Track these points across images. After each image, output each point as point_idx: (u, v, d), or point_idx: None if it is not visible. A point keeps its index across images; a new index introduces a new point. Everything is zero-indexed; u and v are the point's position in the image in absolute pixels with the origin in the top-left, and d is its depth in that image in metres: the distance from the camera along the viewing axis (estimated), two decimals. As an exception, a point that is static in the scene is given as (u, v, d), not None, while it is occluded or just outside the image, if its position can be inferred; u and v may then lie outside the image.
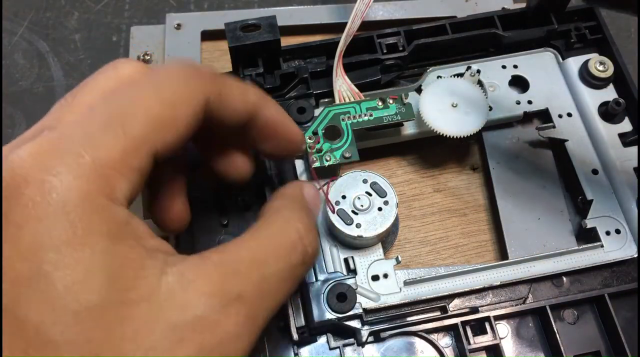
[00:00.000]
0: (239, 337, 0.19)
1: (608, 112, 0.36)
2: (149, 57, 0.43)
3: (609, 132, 0.36)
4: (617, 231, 0.33)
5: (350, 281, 0.30)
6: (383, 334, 0.31)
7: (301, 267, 0.22)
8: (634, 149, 0.35)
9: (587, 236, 0.33)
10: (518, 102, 0.37)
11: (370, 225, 0.31)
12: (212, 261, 0.19)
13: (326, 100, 0.37)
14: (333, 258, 0.32)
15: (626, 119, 0.36)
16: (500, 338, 0.31)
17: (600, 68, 0.37)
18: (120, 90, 0.20)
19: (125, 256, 0.18)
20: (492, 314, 0.31)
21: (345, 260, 0.32)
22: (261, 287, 0.20)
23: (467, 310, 0.31)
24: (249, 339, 0.19)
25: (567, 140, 0.36)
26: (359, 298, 0.30)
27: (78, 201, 0.17)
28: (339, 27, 0.36)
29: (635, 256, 0.32)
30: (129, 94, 0.20)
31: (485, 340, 0.31)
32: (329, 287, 0.30)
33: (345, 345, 0.31)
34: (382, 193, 0.32)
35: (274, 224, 0.22)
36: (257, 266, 0.20)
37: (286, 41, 0.37)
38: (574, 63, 0.38)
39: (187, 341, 0.17)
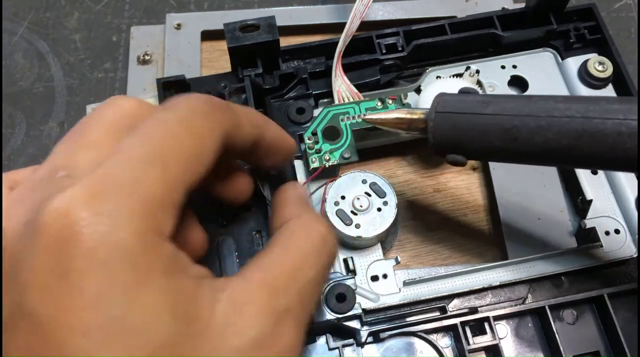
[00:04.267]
0: (295, 347, 0.20)
1: (607, 112, 0.36)
2: (149, 57, 0.43)
3: (609, 132, 0.35)
4: (617, 231, 0.33)
5: (349, 282, 0.30)
6: (382, 335, 0.31)
7: (329, 266, 0.23)
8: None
9: (586, 236, 0.33)
10: (517, 102, 0.37)
11: (370, 225, 0.31)
12: (256, 281, 0.20)
13: (325, 100, 0.37)
14: (332, 258, 0.32)
15: (626, 119, 0.36)
16: (500, 338, 0.31)
17: (600, 68, 0.37)
18: (149, 125, 0.20)
19: (180, 289, 0.18)
20: (491, 314, 0.31)
21: (345, 260, 0.32)
22: (302, 296, 0.21)
23: (466, 310, 0.31)
24: (301, 345, 0.20)
25: (566, 141, 0.36)
26: (358, 298, 0.30)
27: (135, 241, 0.17)
28: (339, 27, 0.36)
29: (635, 256, 0.32)
30: (159, 129, 0.20)
31: (484, 340, 0.31)
32: (328, 287, 0.30)
33: (344, 345, 0.31)
34: (381, 193, 0.32)
35: (298, 233, 0.23)
36: (295, 277, 0.21)
37: (286, 41, 0.37)
38: (573, 63, 0.38)
39: None
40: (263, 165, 0.27)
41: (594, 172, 0.35)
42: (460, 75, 0.37)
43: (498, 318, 0.32)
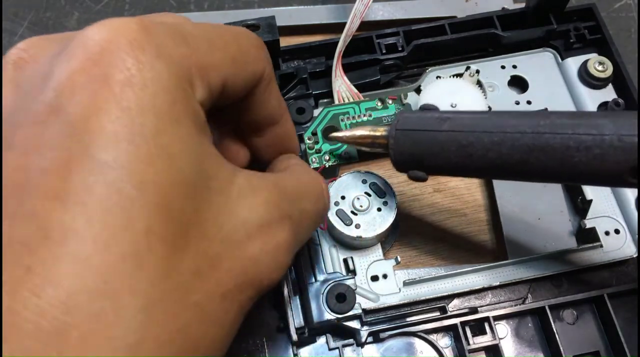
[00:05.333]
0: (288, 250, 0.20)
1: (607, 112, 0.36)
2: (148, 58, 0.43)
3: (609, 132, 0.35)
4: (617, 231, 0.33)
5: (349, 282, 0.30)
6: (382, 335, 0.31)
7: (321, 217, 0.25)
8: (634, 149, 0.35)
9: (586, 236, 0.33)
10: (517, 103, 0.37)
11: (370, 225, 0.31)
12: (271, 180, 0.21)
13: (325, 100, 0.37)
14: (332, 258, 0.32)
15: (626, 119, 0.36)
16: (500, 338, 0.31)
17: (600, 68, 0.37)
18: (207, 23, 0.21)
19: (208, 147, 0.18)
20: (491, 314, 0.31)
21: (345, 260, 0.32)
22: (301, 218, 0.22)
23: (466, 310, 0.31)
24: (291, 256, 0.21)
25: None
26: (358, 299, 0.30)
27: (176, 79, 0.17)
28: (339, 27, 0.36)
29: (635, 256, 0.32)
30: (211, 27, 0.21)
31: (484, 340, 0.31)
32: (328, 287, 0.30)
33: (344, 345, 0.31)
34: (381, 193, 0.32)
35: (306, 174, 0.24)
36: (299, 199, 0.22)
37: (286, 41, 0.38)
38: (573, 63, 0.38)
39: (253, 238, 0.19)
40: (264, 156, 0.27)
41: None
42: (460, 75, 0.37)
43: (498, 318, 0.32)
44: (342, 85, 0.36)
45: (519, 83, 0.38)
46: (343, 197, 0.32)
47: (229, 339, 0.18)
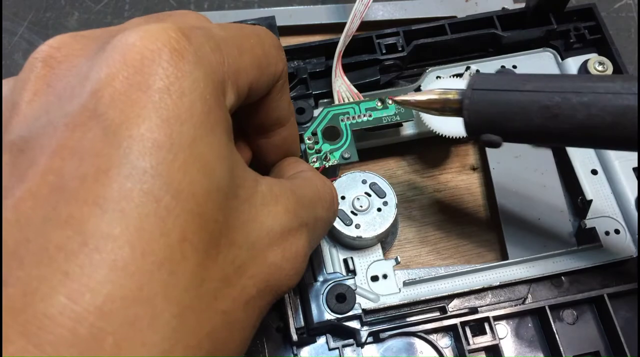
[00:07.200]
0: (305, 256, 0.21)
1: (608, 112, 0.36)
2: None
3: (609, 132, 0.35)
4: (617, 231, 0.33)
5: (349, 282, 0.30)
6: (382, 335, 0.31)
7: (331, 224, 0.25)
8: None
9: (586, 236, 0.33)
10: (517, 102, 0.37)
11: (370, 226, 0.31)
12: (288, 187, 0.21)
13: (325, 100, 0.37)
14: (332, 259, 0.32)
15: (626, 119, 0.36)
16: (500, 338, 0.31)
17: (600, 68, 0.37)
18: (231, 24, 0.21)
19: (236, 155, 0.19)
20: (491, 314, 0.31)
21: (345, 261, 0.32)
22: (315, 225, 0.22)
23: (466, 310, 0.31)
24: (307, 262, 0.21)
25: (566, 141, 0.35)
26: (359, 299, 0.30)
27: (212, 87, 0.17)
28: (339, 27, 0.36)
29: (635, 256, 0.32)
30: (236, 28, 0.21)
31: (484, 340, 0.31)
32: (328, 287, 0.30)
33: (344, 346, 0.31)
34: (381, 194, 0.32)
35: (319, 181, 0.24)
36: (314, 206, 0.22)
37: (286, 41, 0.37)
38: (573, 63, 0.38)
39: (275, 246, 0.19)
40: (267, 158, 0.27)
41: (594, 172, 0.35)
42: (460, 75, 0.37)
43: (498, 318, 0.32)
44: (342, 85, 0.36)
45: (519, 83, 0.38)
46: (343, 197, 0.32)
47: (248, 342, 0.19)
